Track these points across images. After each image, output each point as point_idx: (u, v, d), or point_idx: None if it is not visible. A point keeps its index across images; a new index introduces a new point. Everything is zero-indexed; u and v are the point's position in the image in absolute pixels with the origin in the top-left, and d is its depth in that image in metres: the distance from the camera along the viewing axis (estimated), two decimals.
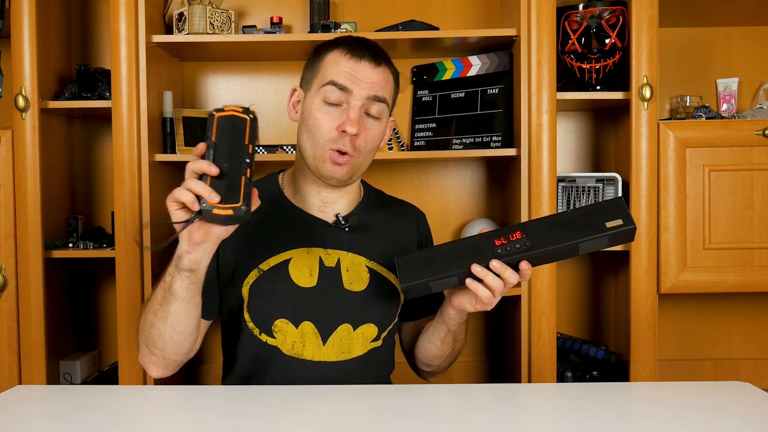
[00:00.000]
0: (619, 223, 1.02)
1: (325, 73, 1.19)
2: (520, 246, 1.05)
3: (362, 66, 1.17)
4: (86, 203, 2.16)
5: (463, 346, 1.32)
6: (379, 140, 1.23)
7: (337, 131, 1.17)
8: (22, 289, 1.81)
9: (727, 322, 2.22)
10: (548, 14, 1.83)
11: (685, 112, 2.03)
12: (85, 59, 2.13)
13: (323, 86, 1.18)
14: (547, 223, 1.07)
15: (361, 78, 1.17)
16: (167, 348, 1.12)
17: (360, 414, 1.02)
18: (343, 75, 1.17)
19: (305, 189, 1.26)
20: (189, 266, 1.02)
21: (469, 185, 2.23)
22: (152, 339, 1.12)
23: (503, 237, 1.07)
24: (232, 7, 2.13)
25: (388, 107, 1.22)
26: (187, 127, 1.97)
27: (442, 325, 1.23)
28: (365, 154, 1.21)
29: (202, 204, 0.94)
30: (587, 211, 1.05)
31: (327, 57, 1.21)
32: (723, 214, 1.84)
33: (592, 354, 1.97)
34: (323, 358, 1.19)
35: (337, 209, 1.27)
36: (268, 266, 1.19)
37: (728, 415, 0.98)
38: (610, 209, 1.04)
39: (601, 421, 0.95)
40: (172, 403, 1.05)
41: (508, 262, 1.06)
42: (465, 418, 0.97)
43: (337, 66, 1.18)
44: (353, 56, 1.18)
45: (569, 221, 1.05)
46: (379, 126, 1.21)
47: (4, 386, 1.76)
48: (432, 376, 1.39)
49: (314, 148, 1.19)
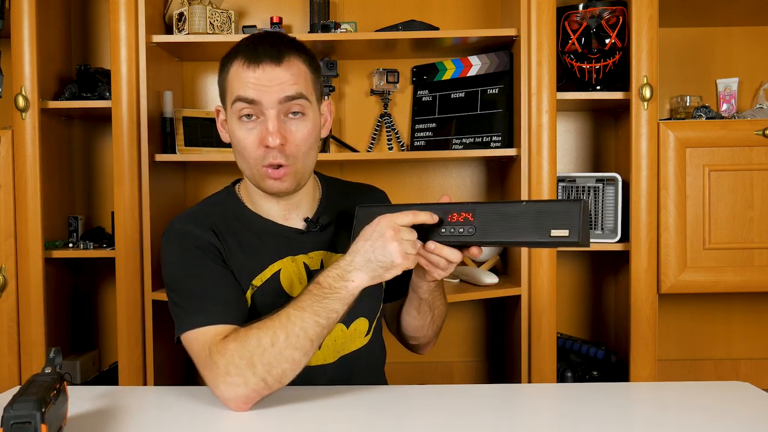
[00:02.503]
0: (563, 234, 0.96)
1: (232, 90, 1.14)
2: (463, 231, 1.04)
3: (263, 70, 1.11)
4: (86, 203, 2.16)
5: (443, 314, 1.30)
6: (312, 136, 1.17)
7: (262, 147, 1.12)
8: (22, 289, 1.81)
9: (727, 322, 2.23)
10: (548, 14, 1.83)
11: (685, 112, 2.03)
12: (85, 59, 2.13)
13: (233, 104, 1.13)
14: (497, 212, 1.03)
15: (266, 83, 1.10)
16: (290, 379, 1.04)
17: (359, 414, 1.02)
18: (248, 87, 1.11)
19: (264, 203, 1.23)
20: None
21: (469, 185, 2.23)
22: (285, 374, 1.02)
23: (455, 213, 1.05)
24: (232, 7, 2.13)
25: (308, 99, 1.15)
26: (187, 127, 1.97)
27: (414, 294, 1.23)
28: (302, 157, 1.16)
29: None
30: (540, 209, 1.00)
31: (230, 71, 1.15)
32: (723, 214, 1.84)
33: (592, 354, 1.97)
34: (320, 361, 1.19)
35: (302, 213, 1.24)
36: (261, 281, 1.18)
37: (728, 415, 0.98)
38: (563, 214, 0.97)
39: (601, 421, 0.95)
40: (172, 403, 1.05)
41: (448, 243, 1.05)
42: (465, 418, 0.97)
43: (240, 78, 1.12)
44: (251, 63, 1.12)
45: (519, 216, 1.00)
46: (306, 122, 1.15)
47: (4, 386, 1.76)
48: (422, 348, 1.38)
49: (249, 169, 1.16)
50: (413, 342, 1.34)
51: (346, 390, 1.12)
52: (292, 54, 1.14)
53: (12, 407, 0.74)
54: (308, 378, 1.18)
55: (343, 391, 1.11)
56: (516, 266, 1.93)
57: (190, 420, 0.98)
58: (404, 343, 1.39)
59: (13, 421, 0.74)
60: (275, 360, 0.99)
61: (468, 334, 2.25)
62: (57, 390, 0.82)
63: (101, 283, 2.18)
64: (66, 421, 0.87)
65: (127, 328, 1.82)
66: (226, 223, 1.20)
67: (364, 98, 2.20)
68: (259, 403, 1.01)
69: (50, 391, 0.80)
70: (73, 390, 0.93)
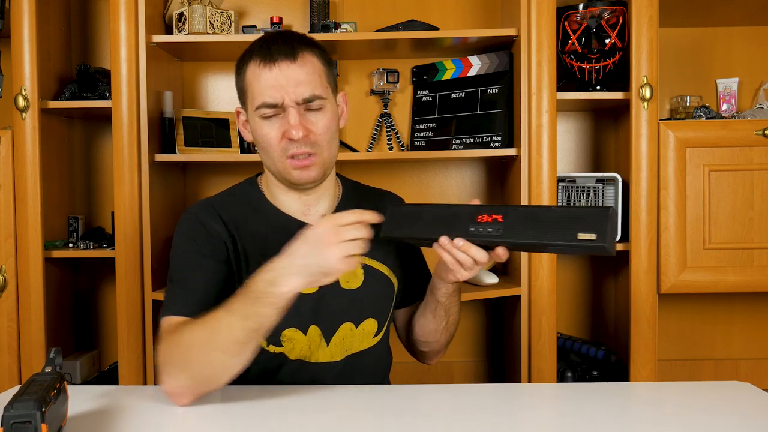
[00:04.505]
0: (591, 238, 0.97)
1: (252, 94, 1.18)
2: (492, 230, 1.05)
3: (280, 69, 1.14)
4: (86, 203, 2.16)
5: (457, 321, 1.31)
6: (333, 126, 1.21)
7: (285, 139, 1.16)
8: (22, 289, 1.81)
9: (727, 322, 2.23)
10: (548, 14, 1.83)
11: (685, 112, 2.03)
12: (85, 59, 2.13)
13: (257, 109, 1.17)
14: (526, 214, 1.05)
15: (284, 82, 1.14)
16: (223, 381, 1.03)
17: (360, 414, 1.02)
18: (267, 91, 1.15)
19: (284, 198, 1.25)
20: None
21: (469, 185, 2.23)
22: (215, 375, 1.02)
23: (485, 214, 1.06)
24: (232, 7, 2.13)
25: (324, 96, 1.18)
26: (187, 127, 1.97)
27: (431, 297, 1.24)
28: (326, 146, 1.19)
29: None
30: (569, 213, 1.01)
31: (247, 72, 1.19)
32: (723, 214, 1.84)
33: (592, 354, 1.97)
34: (327, 358, 1.20)
35: (320, 210, 1.26)
36: None
37: (728, 415, 0.98)
38: (591, 218, 0.99)
39: (601, 421, 0.95)
40: (171, 403, 1.05)
41: (476, 242, 1.06)
42: (465, 418, 0.97)
43: (259, 81, 1.16)
44: (267, 62, 1.15)
45: (547, 219, 1.02)
46: (324, 114, 1.18)
47: (4, 386, 1.76)
48: (432, 357, 1.38)
49: (275, 163, 1.19)
50: (424, 348, 1.35)
51: (347, 389, 1.12)
52: (305, 49, 1.17)
53: (12, 407, 0.74)
54: (314, 374, 1.19)
55: (344, 389, 1.12)
56: (516, 266, 1.93)
57: (190, 420, 0.98)
58: (414, 350, 1.39)
59: (13, 420, 0.74)
60: (201, 360, 1.00)
61: (468, 334, 2.25)
62: (57, 390, 0.82)
63: (101, 283, 2.18)
64: (66, 420, 0.87)
65: (127, 328, 1.82)
66: (243, 213, 1.23)
67: (364, 98, 2.20)
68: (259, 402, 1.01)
69: (50, 391, 0.80)
70: (73, 390, 0.93)
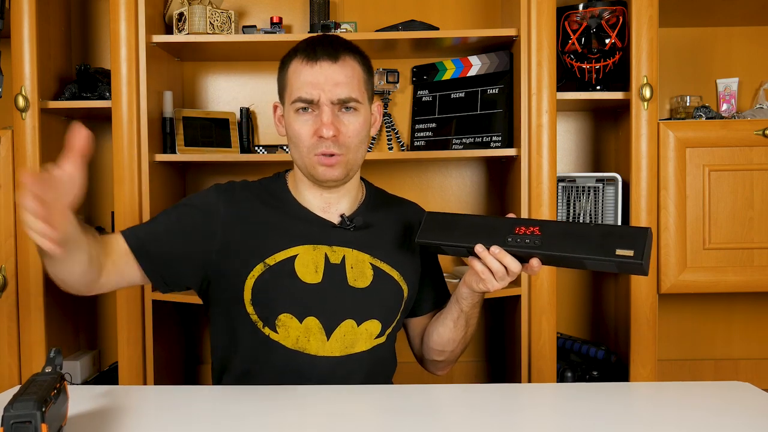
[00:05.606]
0: (629, 254, 1.00)
1: (291, 88, 1.22)
2: (530, 242, 1.08)
3: (321, 67, 1.19)
4: (86, 203, 2.16)
5: (473, 334, 1.33)
6: (364, 131, 1.24)
7: (316, 136, 1.20)
8: (22, 289, 1.81)
9: (727, 322, 2.23)
10: (548, 14, 1.83)
11: (685, 112, 2.03)
12: (85, 59, 2.13)
13: (292, 103, 1.21)
14: (565, 229, 1.07)
15: (323, 81, 1.18)
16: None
17: (360, 414, 1.02)
18: (306, 87, 1.19)
19: (307, 193, 1.28)
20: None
21: (469, 185, 2.23)
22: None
23: (523, 227, 1.09)
24: (232, 7, 2.13)
25: (359, 101, 1.22)
26: (187, 127, 1.97)
27: (455, 305, 1.27)
28: (354, 149, 1.23)
29: None
30: (608, 230, 1.05)
31: (289, 69, 1.23)
32: (723, 214, 1.84)
33: (592, 354, 1.97)
34: (327, 353, 1.20)
35: (341, 209, 1.28)
36: (274, 261, 1.21)
37: (728, 415, 0.98)
38: (630, 237, 1.02)
39: (601, 421, 0.95)
40: (171, 403, 1.05)
41: (513, 253, 1.08)
42: (465, 418, 0.98)
43: (299, 77, 1.20)
44: (309, 60, 1.19)
45: (585, 234, 1.05)
46: (357, 117, 1.22)
47: (4, 386, 1.76)
48: (443, 368, 1.40)
49: (302, 158, 1.23)
50: (438, 357, 1.36)
51: (346, 389, 1.12)
52: (348, 54, 1.22)
53: (12, 407, 0.74)
54: (311, 365, 1.19)
55: (344, 390, 1.12)
56: None
57: (190, 420, 0.98)
58: (426, 360, 1.40)
59: (13, 420, 0.74)
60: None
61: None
62: (57, 390, 0.82)
63: None
64: (66, 420, 0.87)
65: (127, 328, 1.82)
66: (262, 199, 1.27)
67: None
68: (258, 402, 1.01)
69: (50, 391, 0.80)
70: (73, 390, 0.93)
